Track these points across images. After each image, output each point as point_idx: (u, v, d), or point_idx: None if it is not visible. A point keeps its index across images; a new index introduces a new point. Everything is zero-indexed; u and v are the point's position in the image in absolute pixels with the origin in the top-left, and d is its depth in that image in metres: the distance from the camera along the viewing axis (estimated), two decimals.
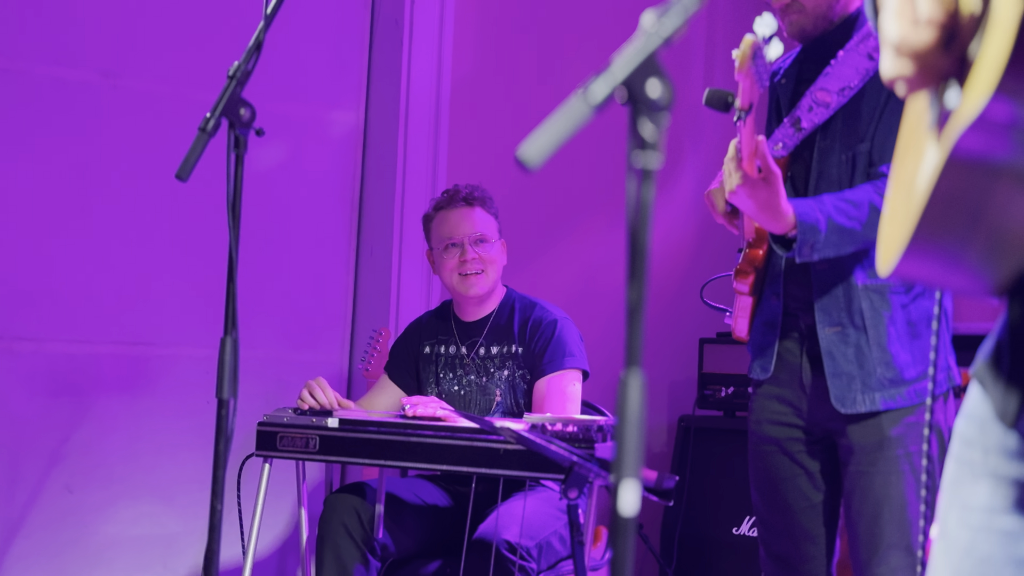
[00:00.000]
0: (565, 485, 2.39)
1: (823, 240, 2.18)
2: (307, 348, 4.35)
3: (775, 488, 2.38)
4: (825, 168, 2.31)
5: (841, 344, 2.26)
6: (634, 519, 1.08)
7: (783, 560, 2.39)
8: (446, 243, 3.32)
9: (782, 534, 2.39)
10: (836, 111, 2.30)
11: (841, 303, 2.27)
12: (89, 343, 3.98)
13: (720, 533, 4.22)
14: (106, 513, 3.98)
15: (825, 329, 2.27)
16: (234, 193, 1.90)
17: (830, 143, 2.31)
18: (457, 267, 3.29)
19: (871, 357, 2.25)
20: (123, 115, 4.02)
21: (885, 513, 2.23)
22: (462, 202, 3.33)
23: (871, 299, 2.26)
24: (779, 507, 2.38)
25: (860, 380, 2.25)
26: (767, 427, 2.39)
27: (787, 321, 2.35)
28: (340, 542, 3.04)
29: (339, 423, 2.96)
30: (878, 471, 2.24)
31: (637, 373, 1.06)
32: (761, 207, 2.16)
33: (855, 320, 2.26)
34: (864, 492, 2.26)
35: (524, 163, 1.04)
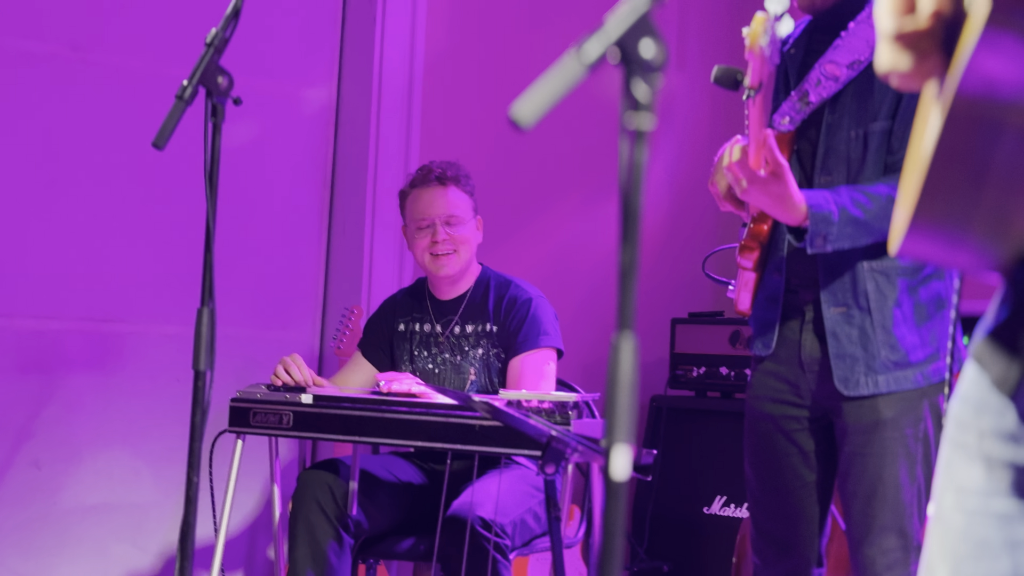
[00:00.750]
0: (543, 460, 2.38)
1: (836, 231, 2.16)
2: (278, 326, 4.32)
3: (769, 465, 2.36)
4: (833, 144, 2.28)
5: (845, 325, 2.24)
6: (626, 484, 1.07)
7: (773, 538, 2.37)
8: (418, 223, 3.30)
9: (774, 512, 2.37)
10: (845, 85, 2.26)
11: (847, 283, 2.24)
12: (58, 319, 3.94)
13: (691, 513, 4.23)
14: (75, 489, 3.95)
15: (831, 309, 2.25)
16: (211, 162, 1.87)
17: (838, 118, 2.28)
18: (428, 247, 3.28)
19: (875, 339, 2.22)
20: (92, 89, 3.98)
21: (879, 495, 2.21)
22: (435, 181, 3.31)
23: (876, 281, 2.23)
24: (773, 485, 2.36)
25: (864, 362, 2.23)
26: (765, 404, 2.37)
27: (789, 297, 2.32)
28: (313, 519, 3.03)
29: (313, 399, 2.94)
30: (873, 452, 2.22)
31: (629, 337, 1.05)
32: (774, 201, 2.14)
33: (860, 301, 2.23)
34: (859, 473, 2.24)
35: (517, 122, 1.02)
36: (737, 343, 4.36)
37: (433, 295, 3.39)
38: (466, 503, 2.92)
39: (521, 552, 3.08)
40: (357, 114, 4.39)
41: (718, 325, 4.43)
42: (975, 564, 1.22)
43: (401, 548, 3.18)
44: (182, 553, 1.86)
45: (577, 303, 4.68)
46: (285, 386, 3.04)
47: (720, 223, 5.13)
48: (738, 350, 4.36)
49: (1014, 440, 1.21)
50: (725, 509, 4.21)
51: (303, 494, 3.06)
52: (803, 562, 2.34)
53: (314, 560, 3.00)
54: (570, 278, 4.72)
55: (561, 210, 4.79)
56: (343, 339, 3.94)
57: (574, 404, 2.69)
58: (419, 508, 3.23)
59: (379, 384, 2.99)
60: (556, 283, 4.57)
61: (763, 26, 2.01)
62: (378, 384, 3.00)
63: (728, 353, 4.38)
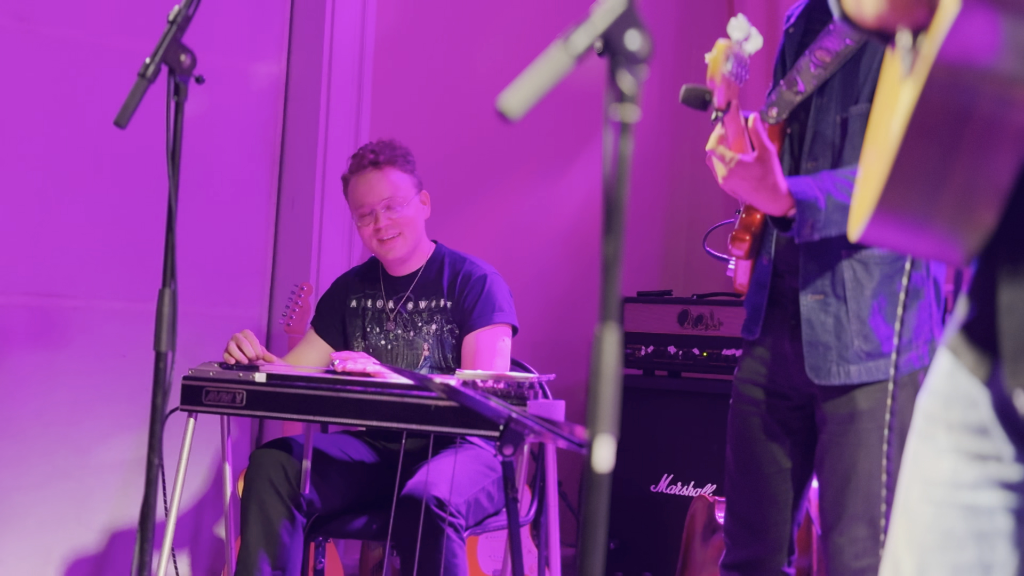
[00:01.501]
0: (501, 441, 2.38)
1: (824, 218, 2.14)
2: (225, 302, 4.29)
3: (748, 449, 2.35)
4: (821, 128, 2.26)
5: (821, 313, 2.22)
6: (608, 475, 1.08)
7: (745, 522, 2.37)
8: (359, 211, 3.29)
9: (748, 495, 2.36)
10: (835, 70, 2.24)
11: (826, 272, 2.23)
12: (1, 294, 3.88)
13: (638, 491, 4.26)
14: (18, 467, 3.90)
15: (808, 296, 2.23)
16: (174, 141, 1.85)
17: (827, 102, 2.26)
18: (373, 234, 3.27)
19: (849, 329, 2.21)
20: (36, 61, 3.91)
21: (851, 484, 2.21)
22: (370, 166, 3.28)
23: (855, 269, 2.22)
24: (749, 468, 2.35)
25: (836, 351, 2.21)
26: (749, 388, 2.36)
27: (776, 283, 2.31)
28: (266, 498, 3.02)
29: (267, 378, 2.92)
30: (848, 442, 2.22)
31: (613, 328, 1.05)
32: (756, 187, 2.11)
33: (837, 290, 2.22)
34: (833, 462, 2.23)
35: (505, 114, 1.02)
36: (685, 322, 4.39)
37: (386, 272, 3.38)
38: (421, 482, 2.92)
39: (473, 531, 3.09)
40: (307, 89, 4.36)
41: (666, 304, 4.45)
42: (941, 555, 1.24)
43: (354, 527, 3.17)
44: (142, 534, 1.85)
45: (527, 282, 4.69)
46: (238, 364, 3.02)
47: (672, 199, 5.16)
48: (686, 329, 4.39)
49: (982, 433, 1.22)
50: (672, 487, 4.25)
51: (256, 473, 3.05)
52: (772, 547, 2.34)
53: (266, 539, 2.99)
54: (520, 256, 4.73)
55: (511, 188, 4.79)
56: (292, 316, 3.93)
57: (530, 385, 2.70)
58: (371, 487, 3.23)
59: (334, 363, 2.98)
60: (506, 261, 4.57)
61: (724, 53, 2.00)
62: (333, 363, 2.99)
63: (676, 332, 4.40)
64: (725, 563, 2.41)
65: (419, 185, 3.34)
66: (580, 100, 4.90)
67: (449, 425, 2.75)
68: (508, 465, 2.49)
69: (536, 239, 4.83)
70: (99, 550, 4.06)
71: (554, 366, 4.42)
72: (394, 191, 3.27)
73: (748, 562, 2.38)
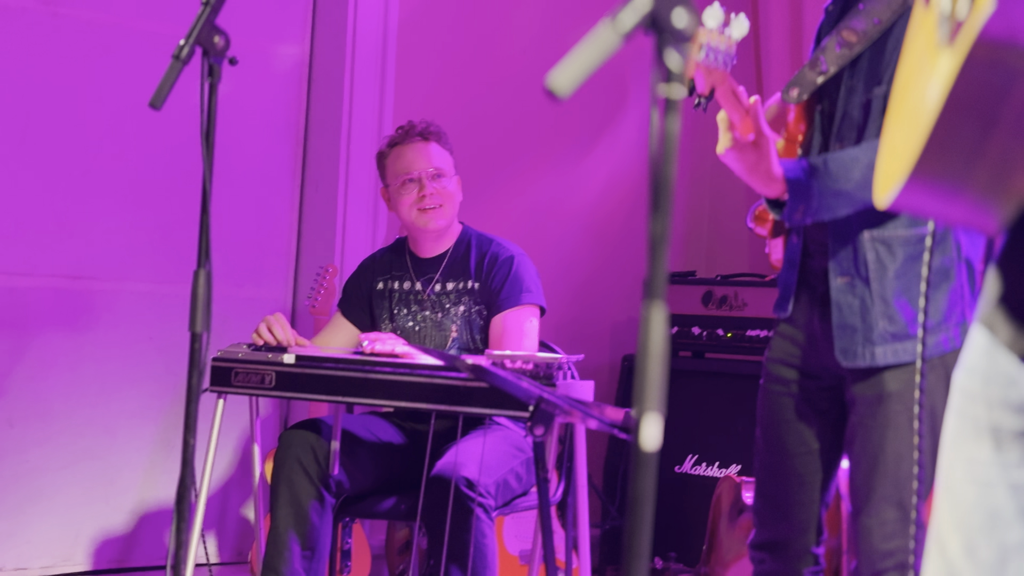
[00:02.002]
0: (531, 422, 2.38)
1: (816, 203, 2.14)
2: (250, 284, 4.30)
3: (778, 429, 2.34)
4: (849, 109, 2.25)
5: (848, 295, 2.21)
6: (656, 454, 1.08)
7: (774, 502, 2.36)
8: (403, 179, 3.29)
9: (777, 476, 2.35)
10: (864, 50, 2.22)
11: (850, 253, 2.22)
12: (29, 276, 3.90)
13: (663, 472, 4.26)
14: (46, 448, 3.93)
15: (836, 278, 2.22)
16: (208, 122, 1.86)
17: (856, 83, 2.24)
18: (416, 202, 3.26)
19: (873, 311, 2.20)
20: (63, 44, 3.92)
21: (880, 466, 2.19)
22: (418, 137, 3.30)
23: (877, 250, 2.20)
24: (779, 449, 2.34)
25: (862, 333, 2.20)
26: (779, 367, 2.34)
27: (806, 262, 2.30)
28: (295, 478, 3.02)
29: (296, 359, 2.93)
30: (876, 424, 2.20)
31: (660, 306, 1.05)
32: (750, 170, 2.13)
33: (860, 271, 2.21)
34: (862, 444, 2.22)
35: (553, 92, 1.02)
36: (709, 303, 4.39)
37: (414, 253, 3.38)
38: (450, 463, 2.93)
39: (502, 512, 3.10)
40: (331, 71, 4.36)
41: (690, 285, 4.45)
42: (989, 534, 1.23)
43: (382, 508, 3.18)
44: (179, 514, 1.86)
45: (551, 263, 4.68)
46: (267, 345, 3.03)
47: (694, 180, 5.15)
48: (710, 310, 4.39)
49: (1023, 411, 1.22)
50: (696, 468, 4.25)
51: (285, 454, 3.06)
52: (800, 528, 2.33)
53: (296, 520, 3.00)
54: (543, 238, 4.73)
55: (536, 169, 4.79)
56: (318, 298, 3.93)
57: (559, 365, 2.70)
58: (400, 468, 3.23)
59: (362, 344, 2.98)
60: (530, 243, 4.56)
61: (697, 42, 2.00)
62: (361, 344, 2.99)
63: (700, 313, 4.40)
64: (753, 543, 2.41)
65: (456, 167, 3.36)
66: (603, 81, 4.89)
67: (478, 405, 2.75)
68: (539, 445, 2.49)
69: (560, 221, 4.82)
70: (127, 530, 4.09)
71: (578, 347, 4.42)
72: (441, 162, 3.30)
73: (776, 542, 2.37)
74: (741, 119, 2.10)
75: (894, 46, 2.21)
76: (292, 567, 2.99)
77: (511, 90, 4.66)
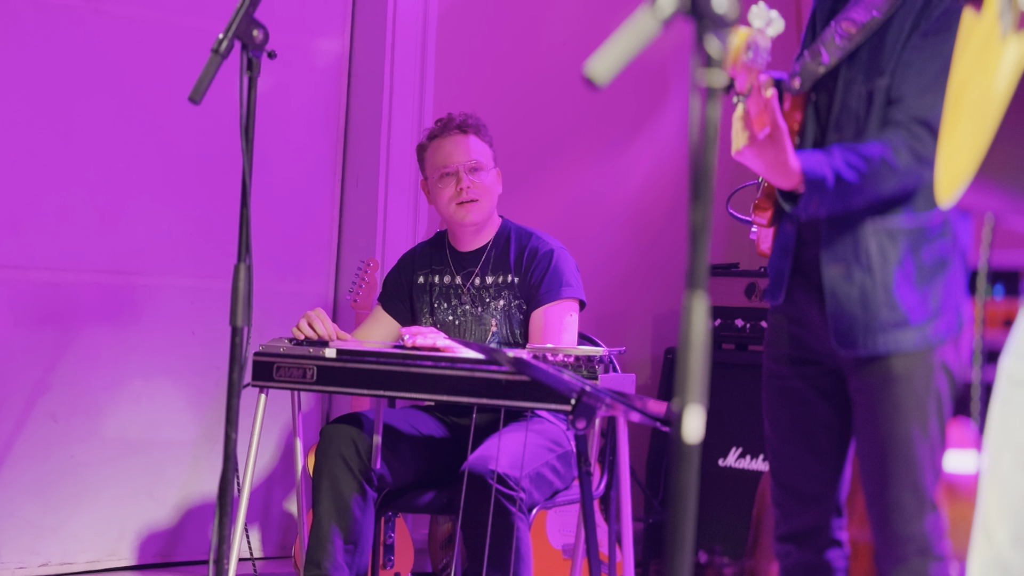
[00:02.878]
0: (574, 415, 2.37)
1: (831, 196, 2.14)
2: (292, 278, 4.31)
3: (786, 417, 2.34)
4: (847, 100, 2.24)
5: (845, 284, 2.21)
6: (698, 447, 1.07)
7: (792, 490, 2.35)
8: (441, 172, 3.28)
9: (792, 464, 2.34)
10: (862, 42, 2.22)
11: (848, 242, 2.21)
12: (73, 271, 3.93)
13: (707, 465, 4.24)
14: (92, 442, 3.96)
15: (830, 267, 2.22)
16: (247, 116, 1.85)
17: (854, 74, 2.23)
18: (454, 196, 3.26)
19: (875, 300, 2.19)
20: (106, 40, 3.95)
21: (891, 451, 2.19)
22: (456, 130, 3.29)
23: (880, 240, 2.20)
24: (790, 436, 2.34)
25: (863, 322, 2.19)
26: (779, 356, 2.35)
27: (800, 249, 2.30)
28: (338, 473, 3.03)
29: (337, 353, 2.93)
30: (883, 410, 2.20)
31: (701, 296, 1.04)
32: (768, 165, 2.12)
33: (861, 260, 2.20)
34: (871, 430, 2.22)
35: (592, 80, 1.01)
36: (752, 295, 4.36)
37: (453, 247, 3.37)
38: (482, 457, 2.92)
39: (543, 506, 3.09)
40: (370, 65, 4.36)
41: (733, 277, 4.42)
42: None
43: (421, 502, 3.18)
44: (221, 508, 1.86)
45: (591, 257, 4.67)
46: (308, 340, 3.03)
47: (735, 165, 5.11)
48: (753, 302, 4.36)
49: None
50: (741, 461, 4.22)
51: (327, 448, 3.06)
52: (823, 513, 2.33)
53: (338, 514, 3.00)
54: (584, 231, 4.71)
55: (576, 163, 4.77)
56: (359, 292, 3.93)
57: (600, 359, 2.68)
58: (441, 462, 3.23)
59: (403, 338, 2.97)
60: (570, 236, 4.55)
61: (745, 41, 1.98)
62: (402, 338, 2.99)
63: (743, 305, 4.37)
64: (778, 536, 2.40)
65: (496, 160, 3.35)
66: (643, 73, 4.86)
67: (520, 399, 2.74)
68: (581, 439, 2.48)
69: (601, 214, 4.80)
70: (171, 525, 4.11)
71: (620, 341, 4.40)
72: (479, 155, 3.28)
73: (801, 532, 2.37)
74: (759, 113, 2.08)
75: (894, 39, 2.21)
76: (335, 561, 2.99)
77: (552, 82, 4.64)
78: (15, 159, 3.81)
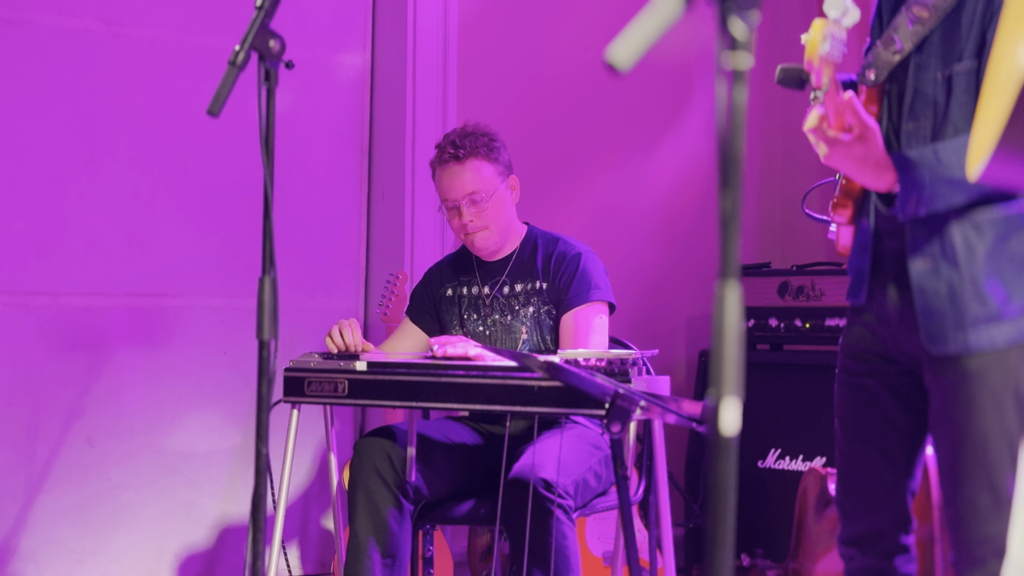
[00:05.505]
0: (608, 418, 2.33)
1: (928, 193, 2.08)
2: (321, 294, 4.30)
3: (858, 419, 2.28)
4: (921, 87, 2.17)
5: (932, 279, 2.14)
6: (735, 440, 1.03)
7: (859, 494, 2.29)
8: (444, 204, 3.27)
9: (861, 467, 2.28)
10: (934, 26, 2.15)
11: (933, 235, 2.14)
12: (103, 295, 3.93)
13: (746, 467, 4.20)
14: (127, 466, 3.95)
15: (917, 262, 2.15)
16: (267, 128, 1.84)
17: (926, 59, 2.17)
18: (460, 228, 3.25)
19: (964, 294, 2.12)
20: (126, 63, 3.95)
21: (967, 450, 2.12)
22: (451, 159, 3.23)
23: (965, 233, 2.12)
24: (860, 439, 2.28)
25: (952, 318, 2.12)
26: (855, 355, 2.28)
27: (878, 245, 2.23)
28: (372, 485, 3.00)
29: (367, 366, 2.91)
30: (960, 407, 2.13)
31: (734, 286, 1.01)
32: (860, 166, 2.07)
33: (947, 254, 2.13)
34: (947, 429, 2.15)
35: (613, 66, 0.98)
36: (786, 294, 4.31)
37: (479, 258, 3.35)
38: (527, 465, 2.89)
39: (582, 512, 3.06)
40: (392, 79, 4.35)
41: (766, 277, 4.38)
42: None
43: (460, 512, 3.15)
44: (254, 525, 1.84)
45: (621, 260, 4.64)
46: (339, 353, 3.02)
47: (765, 170, 5.07)
48: (787, 301, 4.31)
49: None
50: (780, 463, 4.18)
51: (361, 462, 3.04)
52: (889, 518, 2.26)
53: (375, 528, 2.98)
54: (613, 235, 4.68)
55: (602, 167, 4.74)
56: (389, 305, 3.92)
57: (633, 361, 2.65)
58: (477, 472, 3.20)
59: (433, 349, 2.95)
60: (599, 240, 4.52)
61: (822, 34, 1.94)
62: (432, 349, 2.96)
63: (777, 305, 4.33)
64: (842, 539, 2.34)
65: (506, 171, 3.28)
66: (668, 76, 4.84)
67: (553, 405, 2.70)
68: (617, 442, 2.45)
69: (630, 217, 4.77)
70: (210, 545, 4.09)
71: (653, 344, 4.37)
72: (477, 185, 3.21)
73: (866, 536, 2.30)
74: (838, 112, 2.03)
75: (969, 19, 2.14)
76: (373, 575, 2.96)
77: (576, 88, 4.61)
78: (41, 185, 3.81)
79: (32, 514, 3.80)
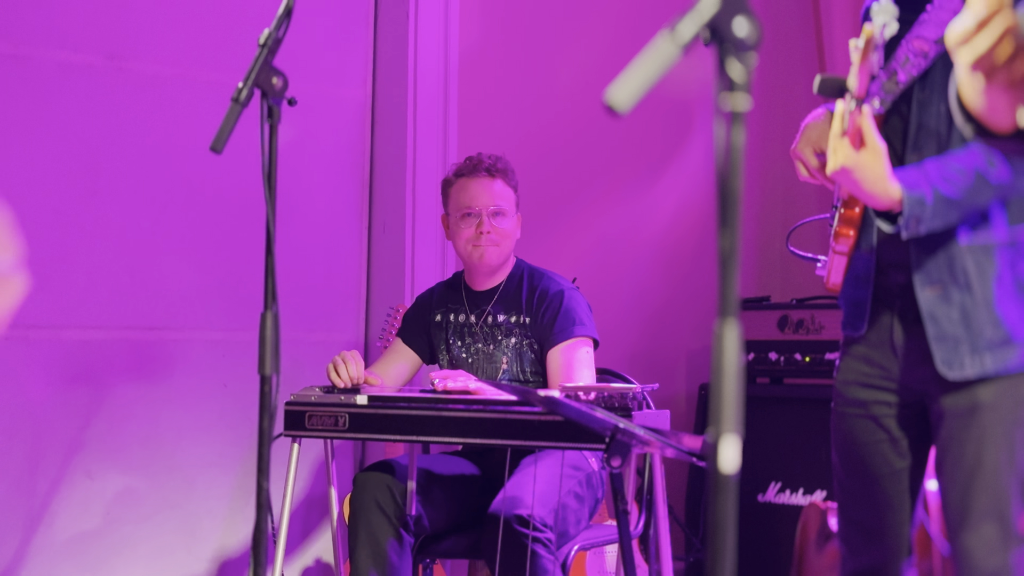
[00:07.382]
0: (608, 453, 2.34)
1: (930, 212, 2.09)
2: (322, 328, 4.31)
3: (857, 452, 2.28)
4: (924, 120, 2.20)
5: (944, 305, 2.15)
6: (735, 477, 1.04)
7: (861, 527, 2.29)
8: (464, 212, 3.29)
9: (862, 500, 2.28)
10: (935, 59, 2.18)
11: (941, 262, 2.15)
12: (104, 329, 3.94)
13: (746, 501, 4.20)
14: (128, 500, 3.95)
15: (924, 290, 2.16)
16: (269, 164, 1.85)
17: (928, 94, 2.20)
18: (472, 237, 3.27)
19: (978, 317, 2.13)
20: (129, 97, 3.97)
21: (977, 481, 2.12)
22: (484, 172, 3.30)
23: (976, 257, 2.14)
24: (860, 472, 2.28)
25: (968, 342, 2.13)
26: (853, 389, 2.29)
27: (879, 278, 2.24)
28: (373, 519, 3.01)
29: (368, 400, 2.92)
30: (971, 437, 2.13)
31: (733, 324, 1.02)
32: (869, 182, 2.07)
33: (958, 279, 2.14)
34: (956, 459, 2.15)
35: (613, 108, 0.99)
36: (785, 328, 4.32)
37: (469, 286, 3.39)
38: (503, 500, 2.90)
39: (582, 547, 3.05)
40: (393, 113, 4.37)
41: (765, 310, 4.39)
42: None
43: (445, 546, 3.16)
44: (255, 559, 1.84)
45: (621, 294, 4.65)
46: (340, 388, 3.03)
47: (764, 203, 5.09)
48: (786, 335, 4.32)
49: None
50: (780, 496, 4.17)
51: (361, 495, 3.04)
52: (891, 551, 2.26)
53: (375, 560, 2.98)
54: (613, 269, 4.69)
55: (602, 202, 4.76)
56: (390, 338, 3.92)
57: (633, 395, 2.65)
58: (476, 504, 3.20)
59: (434, 383, 2.96)
60: (600, 274, 4.54)
61: (872, 43, 1.95)
62: (432, 383, 2.97)
63: (776, 338, 4.34)
64: (845, 572, 2.34)
65: (518, 205, 3.37)
66: (668, 111, 4.86)
67: (553, 439, 2.71)
68: (617, 476, 2.45)
69: (630, 250, 4.78)
70: None
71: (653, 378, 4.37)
72: (503, 201, 3.31)
73: (869, 568, 2.30)
74: (854, 130, 2.04)
75: None
76: None
77: (575, 121, 4.64)
78: (43, 219, 3.83)
79: (32, 547, 3.79)
